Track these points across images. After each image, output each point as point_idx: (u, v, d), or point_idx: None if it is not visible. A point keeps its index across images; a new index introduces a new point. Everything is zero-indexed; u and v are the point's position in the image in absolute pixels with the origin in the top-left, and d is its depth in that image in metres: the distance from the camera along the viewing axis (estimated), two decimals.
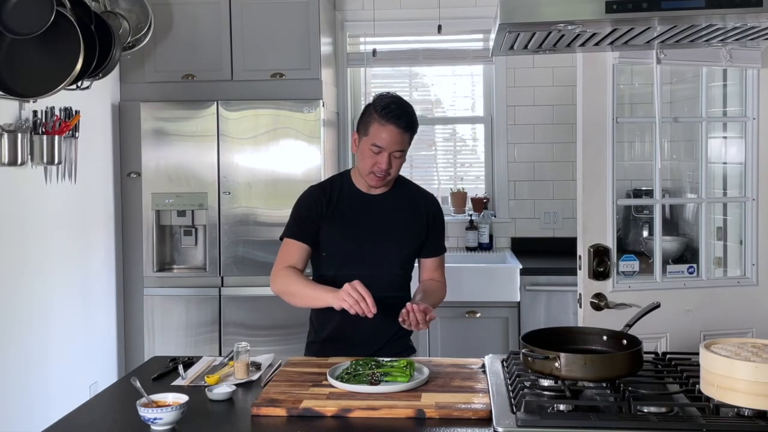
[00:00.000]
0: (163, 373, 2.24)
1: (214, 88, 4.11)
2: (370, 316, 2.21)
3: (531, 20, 1.95)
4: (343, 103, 4.70)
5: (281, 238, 2.54)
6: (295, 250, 2.48)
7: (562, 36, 2.13)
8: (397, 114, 2.39)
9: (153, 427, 1.78)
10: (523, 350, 1.97)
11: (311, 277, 2.55)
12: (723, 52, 2.68)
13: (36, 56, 3.09)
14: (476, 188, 4.80)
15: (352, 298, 2.21)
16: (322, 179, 3.97)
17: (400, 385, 1.99)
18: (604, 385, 1.91)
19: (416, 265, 2.65)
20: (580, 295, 2.71)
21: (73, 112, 3.54)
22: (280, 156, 4.00)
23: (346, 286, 2.24)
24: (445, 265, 2.68)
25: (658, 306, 2.19)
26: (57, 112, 3.43)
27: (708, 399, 1.76)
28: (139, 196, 4.09)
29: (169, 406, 1.80)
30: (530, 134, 4.64)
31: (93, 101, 3.83)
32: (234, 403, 1.99)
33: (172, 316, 4.05)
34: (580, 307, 2.71)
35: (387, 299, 2.37)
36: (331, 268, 2.50)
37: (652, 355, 2.21)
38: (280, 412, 1.87)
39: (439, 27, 4.32)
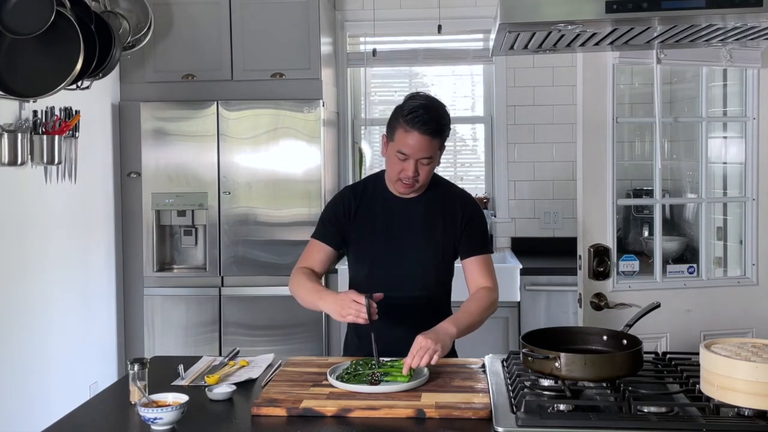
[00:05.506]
0: None
1: (214, 88, 4.10)
2: (368, 322, 2.13)
3: (531, 20, 1.95)
4: (343, 103, 4.69)
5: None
6: (316, 252, 2.45)
7: (562, 36, 2.13)
8: (423, 119, 2.26)
9: (153, 427, 1.78)
10: (523, 350, 1.97)
11: (349, 275, 2.50)
12: (723, 52, 2.68)
13: (36, 56, 3.09)
14: (476, 188, 4.80)
15: (353, 310, 2.14)
16: (322, 179, 4.01)
17: (400, 385, 1.99)
18: (604, 385, 1.91)
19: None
20: (580, 295, 2.71)
21: (73, 112, 3.53)
22: (280, 156, 4.00)
23: (343, 300, 2.18)
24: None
25: (658, 306, 2.19)
26: (57, 112, 3.43)
27: (708, 399, 1.76)
28: (139, 196, 4.09)
29: (169, 406, 1.80)
30: (530, 134, 4.63)
31: (93, 101, 3.83)
32: (234, 403, 1.99)
33: (172, 316, 4.05)
34: (580, 307, 2.71)
35: (420, 301, 2.38)
36: (362, 269, 2.44)
37: (652, 355, 2.21)
38: (280, 412, 1.87)
39: (439, 27, 4.32)
